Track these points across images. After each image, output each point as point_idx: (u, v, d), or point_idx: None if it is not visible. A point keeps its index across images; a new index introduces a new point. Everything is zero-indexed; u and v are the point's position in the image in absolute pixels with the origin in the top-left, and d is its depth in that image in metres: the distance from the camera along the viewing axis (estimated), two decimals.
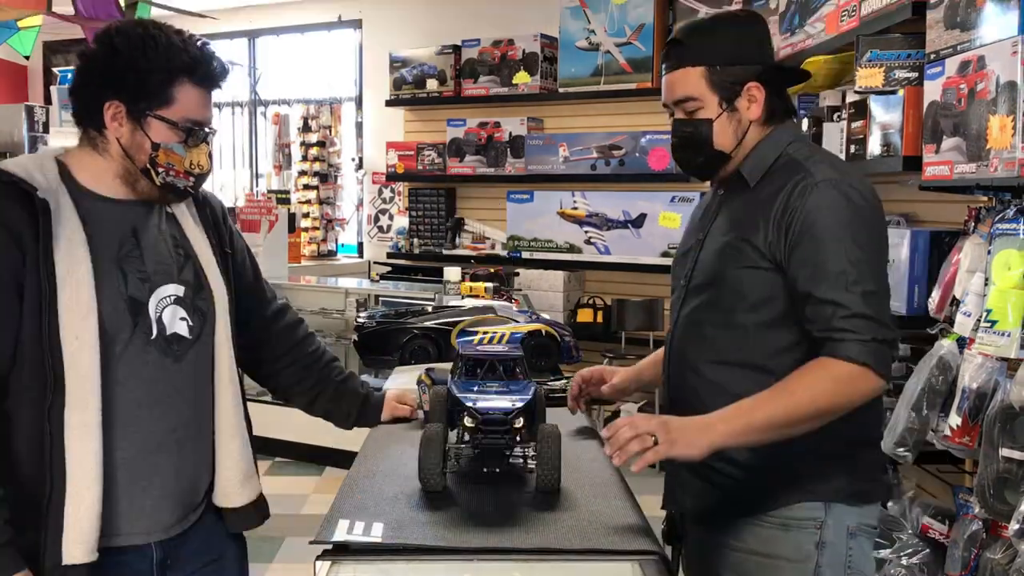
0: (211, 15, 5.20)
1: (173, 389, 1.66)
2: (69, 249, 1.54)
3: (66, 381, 1.52)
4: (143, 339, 1.62)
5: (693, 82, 1.74)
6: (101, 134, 1.62)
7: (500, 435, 1.51)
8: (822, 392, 1.57)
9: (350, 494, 1.55)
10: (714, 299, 1.73)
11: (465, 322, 2.82)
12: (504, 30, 6.34)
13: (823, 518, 1.67)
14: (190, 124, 1.63)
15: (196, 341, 1.70)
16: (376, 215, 7.35)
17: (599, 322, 5.92)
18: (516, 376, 1.65)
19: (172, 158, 1.62)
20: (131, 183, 1.64)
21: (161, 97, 1.60)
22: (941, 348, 2.38)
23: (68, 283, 1.53)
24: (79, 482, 1.52)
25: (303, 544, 1.47)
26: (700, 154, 1.78)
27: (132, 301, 1.61)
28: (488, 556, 1.33)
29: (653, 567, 1.31)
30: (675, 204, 5.72)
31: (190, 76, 1.61)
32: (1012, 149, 2.01)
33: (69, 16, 3.81)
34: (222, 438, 1.74)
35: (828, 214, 1.62)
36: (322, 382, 1.99)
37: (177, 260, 1.70)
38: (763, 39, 1.80)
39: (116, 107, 1.59)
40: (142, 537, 1.65)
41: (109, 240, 1.61)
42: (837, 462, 1.69)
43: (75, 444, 1.52)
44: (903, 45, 2.73)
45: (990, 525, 2.22)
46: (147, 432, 1.63)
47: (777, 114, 1.78)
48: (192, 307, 1.69)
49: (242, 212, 5.83)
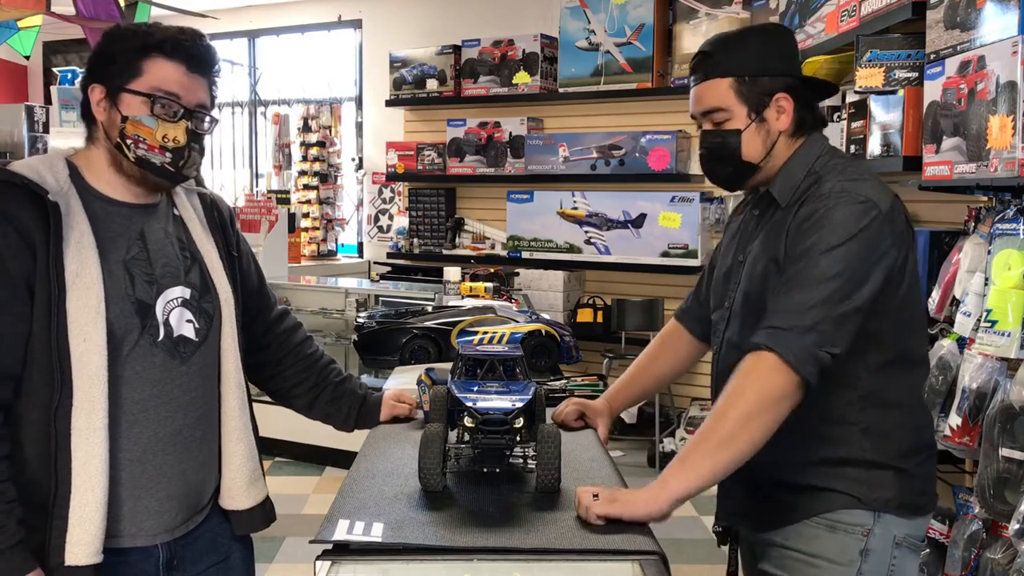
0: (211, 15, 5.19)
1: (179, 391, 1.66)
2: (79, 251, 1.55)
3: (73, 383, 1.52)
4: (150, 341, 1.62)
5: (722, 93, 1.75)
6: (95, 123, 1.65)
7: (500, 435, 1.51)
8: (736, 391, 1.55)
9: (350, 494, 1.55)
10: (756, 323, 1.68)
11: (465, 322, 2.82)
12: (504, 30, 6.35)
13: (871, 526, 1.67)
14: (160, 94, 1.61)
15: (202, 343, 1.70)
16: (376, 215, 7.35)
17: (599, 322, 5.92)
18: (516, 376, 1.65)
19: (141, 130, 1.61)
20: (117, 166, 1.64)
21: (131, 71, 1.61)
22: (941, 348, 2.38)
23: (77, 285, 1.53)
24: (84, 483, 1.53)
25: (303, 544, 1.48)
26: (729, 165, 1.78)
27: (139, 303, 1.61)
28: (488, 556, 1.33)
29: (653, 567, 1.31)
30: (675, 204, 5.73)
31: (159, 50, 1.62)
32: (1012, 149, 2.02)
33: (69, 16, 3.81)
34: (228, 440, 1.74)
35: (823, 221, 1.62)
36: (321, 384, 2.00)
37: (184, 263, 1.71)
38: (791, 51, 1.81)
39: (99, 91, 1.63)
40: (147, 539, 1.65)
41: (117, 242, 1.62)
42: (889, 472, 1.68)
43: (81, 446, 1.53)
44: (903, 45, 2.73)
45: (990, 525, 2.23)
46: (153, 433, 1.63)
47: (806, 125, 1.78)
48: (199, 309, 1.70)
49: (242, 212, 5.83)
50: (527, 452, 1.61)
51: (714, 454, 1.53)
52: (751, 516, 1.83)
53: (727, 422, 1.53)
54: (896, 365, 1.69)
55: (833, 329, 1.57)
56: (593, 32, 5.95)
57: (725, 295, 1.86)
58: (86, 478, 1.53)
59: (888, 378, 1.69)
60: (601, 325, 5.90)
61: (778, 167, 1.77)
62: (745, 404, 1.54)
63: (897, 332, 1.68)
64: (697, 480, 1.53)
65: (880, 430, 1.69)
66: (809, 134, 1.79)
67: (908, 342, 1.71)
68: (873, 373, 1.68)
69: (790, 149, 1.77)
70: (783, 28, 1.91)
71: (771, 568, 1.75)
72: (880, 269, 1.61)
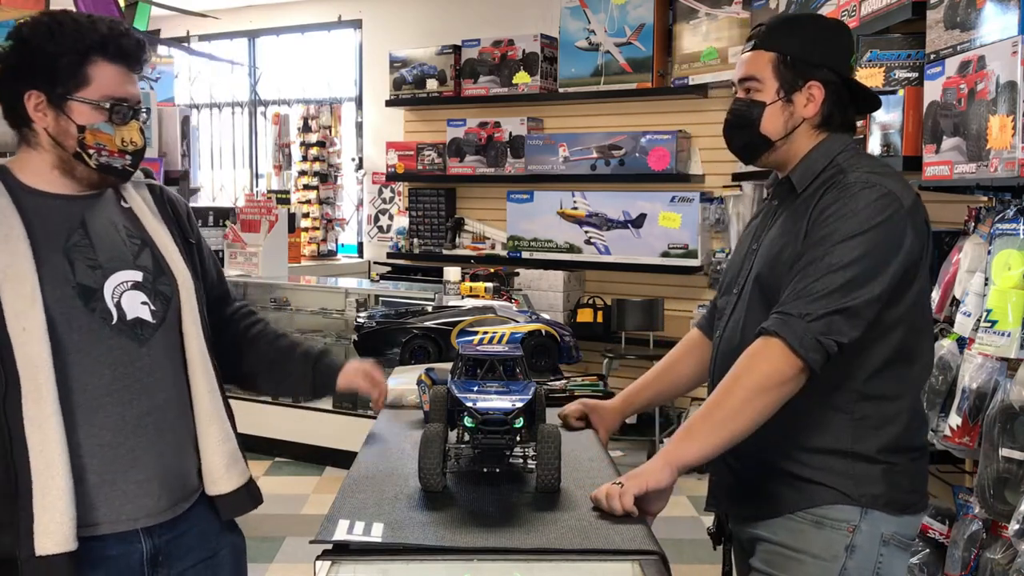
0: (211, 15, 5.19)
1: (141, 372, 1.67)
2: (7, 245, 1.57)
3: (19, 372, 1.53)
4: (102, 324, 1.63)
5: (761, 64, 1.78)
6: (31, 128, 1.64)
7: (500, 435, 1.51)
8: (743, 370, 1.60)
9: (350, 494, 1.55)
10: (764, 307, 1.72)
11: (465, 322, 2.82)
12: (504, 30, 6.35)
13: (857, 522, 1.67)
14: (112, 101, 1.63)
15: (160, 325, 1.71)
16: (376, 215, 7.35)
17: (599, 322, 5.92)
18: (516, 376, 1.65)
19: (101, 138, 1.64)
20: (69, 172, 1.66)
21: (76, 79, 1.61)
22: (941, 348, 2.38)
23: (8, 276, 1.55)
24: (44, 472, 1.53)
25: (303, 544, 1.48)
26: (746, 134, 1.81)
27: (82, 287, 1.62)
28: (488, 556, 1.33)
29: (653, 567, 1.31)
30: (675, 204, 5.73)
31: (102, 53, 1.62)
32: (1012, 149, 2.02)
33: None
34: (201, 423, 1.75)
35: (844, 210, 1.63)
36: (277, 351, 1.97)
37: (132, 248, 1.72)
38: (842, 49, 1.81)
39: (36, 97, 1.61)
40: (127, 524, 1.65)
41: (55, 232, 1.63)
42: (877, 468, 1.68)
43: (35, 433, 1.53)
44: (903, 45, 2.73)
45: (990, 525, 2.22)
46: (119, 416, 1.64)
47: (833, 123, 1.79)
48: (153, 291, 1.71)
49: (242, 212, 5.83)
50: (527, 452, 1.61)
51: (718, 428, 1.59)
52: (738, 502, 1.85)
53: (732, 399, 1.58)
54: (898, 360, 1.69)
55: (843, 318, 1.58)
56: (593, 32, 5.95)
57: (735, 281, 1.86)
58: (45, 466, 1.53)
59: (888, 372, 1.69)
60: (601, 325, 5.90)
61: (796, 154, 1.79)
62: (750, 382, 1.58)
63: (905, 328, 1.68)
64: (699, 451, 1.59)
65: (871, 423, 1.69)
66: (835, 132, 1.80)
67: (914, 339, 1.71)
68: (875, 365, 1.68)
69: (812, 140, 1.79)
70: (845, 26, 1.93)
71: (759, 564, 1.76)
72: (897, 262, 1.62)
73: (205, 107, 8.49)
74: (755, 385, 1.58)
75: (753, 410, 1.58)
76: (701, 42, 5.50)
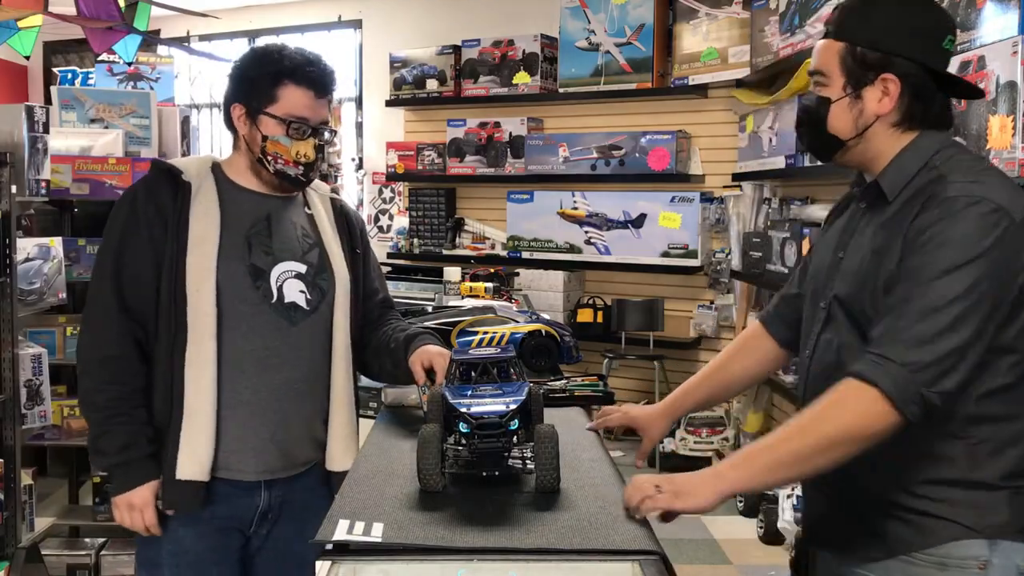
0: (211, 15, 5.19)
1: (287, 348, 1.96)
2: (203, 220, 1.92)
3: (188, 324, 1.87)
4: (262, 300, 1.94)
5: (828, 56, 1.61)
6: (237, 134, 2.01)
7: (496, 438, 1.50)
8: (826, 414, 1.44)
9: (350, 494, 1.55)
10: (854, 324, 1.57)
11: (465, 322, 2.82)
12: (504, 30, 6.34)
13: (987, 557, 1.48)
14: (293, 119, 1.94)
15: (313, 312, 1.99)
16: (376, 215, 7.35)
17: (599, 322, 5.91)
18: (511, 377, 1.64)
19: (278, 148, 1.96)
20: (257, 174, 2.01)
21: (268, 96, 1.94)
22: None
23: (196, 246, 1.90)
24: (194, 409, 1.87)
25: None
26: (813, 133, 1.66)
27: (254, 268, 1.94)
28: (488, 556, 1.33)
29: (653, 567, 1.31)
30: (675, 204, 5.73)
31: (291, 78, 1.94)
32: (1012, 149, 2.02)
33: (69, 16, 3.80)
34: (334, 404, 2.02)
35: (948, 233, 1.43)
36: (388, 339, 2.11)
37: (304, 245, 2.03)
38: (928, 33, 1.57)
39: (239, 109, 1.98)
40: (252, 475, 1.95)
41: (243, 219, 1.97)
42: (1002, 493, 1.50)
43: (193, 376, 1.87)
44: None
45: None
46: (263, 381, 1.93)
47: (916, 119, 1.58)
48: (312, 284, 2.01)
49: None
50: (525, 453, 1.60)
51: (783, 466, 1.46)
52: (836, 540, 1.66)
53: (807, 439, 1.43)
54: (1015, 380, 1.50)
55: (949, 366, 1.40)
56: (593, 32, 5.95)
57: (823, 293, 1.68)
58: (196, 404, 1.87)
59: (1007, 390, 1.50)
60: (601, 325, 5.90)
61: (877, 154, 1.60)
62: (832, 430, 1.43)
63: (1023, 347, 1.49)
64: (753, 483, 1.48)
65: (989, 447, 1.50)
66: (925, 130, 1.59)
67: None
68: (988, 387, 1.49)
69: (895, 139, 1.59)
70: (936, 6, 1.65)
71: None
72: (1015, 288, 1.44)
73: (205, 107, 8.49)
74: (837, 435, 1.42)
75: (827, 459, 1.43)
76: (701, 42, 5.50)
